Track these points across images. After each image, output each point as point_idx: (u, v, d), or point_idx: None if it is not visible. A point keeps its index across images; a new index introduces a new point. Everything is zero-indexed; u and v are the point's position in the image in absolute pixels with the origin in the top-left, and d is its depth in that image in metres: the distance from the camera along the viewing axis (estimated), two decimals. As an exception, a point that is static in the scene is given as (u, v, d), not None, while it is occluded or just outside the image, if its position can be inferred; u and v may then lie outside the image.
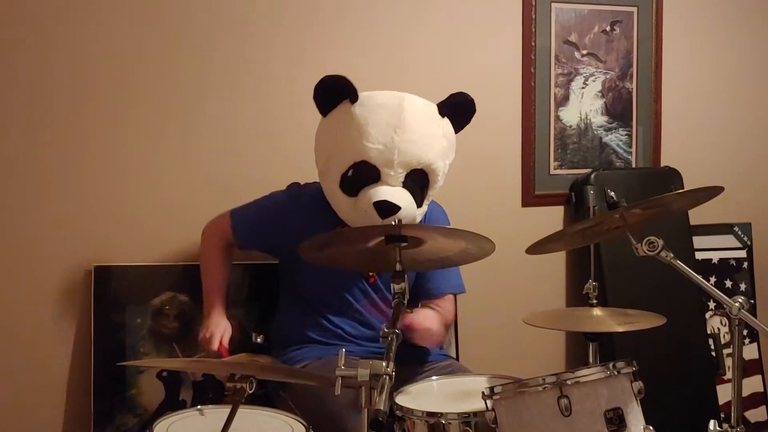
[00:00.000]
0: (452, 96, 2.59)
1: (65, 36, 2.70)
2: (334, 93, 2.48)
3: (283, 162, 2.91)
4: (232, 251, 2.71)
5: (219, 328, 2.50)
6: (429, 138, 2.49)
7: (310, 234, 2.18)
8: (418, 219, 2.56)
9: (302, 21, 2.96)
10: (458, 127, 2.61)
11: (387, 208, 2.40)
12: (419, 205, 2.52)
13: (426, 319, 2.47)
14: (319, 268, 2.38)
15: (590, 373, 1.98)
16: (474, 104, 2.62)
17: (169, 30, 2.81)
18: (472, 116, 2.64)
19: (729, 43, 3.68)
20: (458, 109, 2.59)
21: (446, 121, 2.57)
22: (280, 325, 2.67)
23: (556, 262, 3.40)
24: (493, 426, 1.95)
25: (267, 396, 2.59)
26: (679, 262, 2.13)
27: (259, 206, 2.66)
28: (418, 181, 2.49)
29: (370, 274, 2.61)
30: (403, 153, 2.43)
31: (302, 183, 2.70)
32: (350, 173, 2.45)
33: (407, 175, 2.46)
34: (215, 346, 2.46)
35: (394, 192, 2.43)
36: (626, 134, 3.51)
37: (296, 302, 2.65)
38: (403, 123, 2.44)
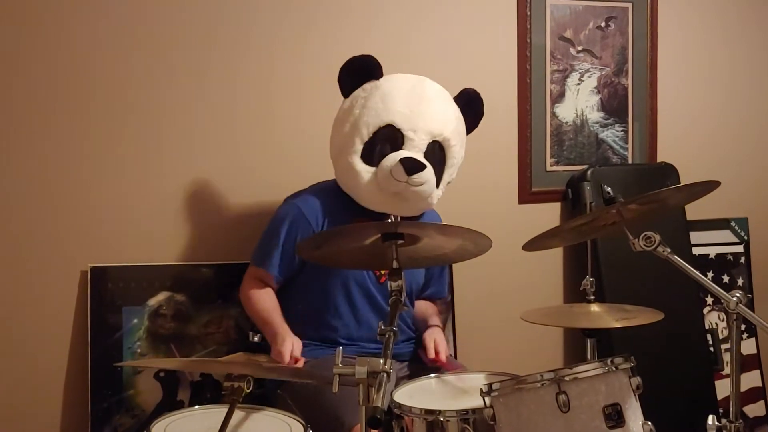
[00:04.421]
0: (464, 91, 2.69)
1: (62, 35, 2.69)
2: (361, 73, 2.56)
3: (282, 161, 2.90)
4: (272, 290, 2.63)
5: (286, 345, 2.40)
6: (447, 113, 2.59)
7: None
8: (434, 201, 2.61)
9: (303, 17, 2.96)
10: (468, 126, 2.68)
11: (414, 165, 2.45)
12: (437, 185, 2.56)
13: (445, 347, 2.56)
14: (327, 269, 2.37)
15: (588, 369, 1.98)
16: (482, 103, 2.70)
17: (167, 28, 2.80)
18: (480, 116, 2.72)
19: (724, 38, 3.68)
20: (468, 104, 2.67)
21: (457, 108, 2.64)
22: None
23: (553, 258, 3.40)
24: (492, 423, 1.95)
25: (265, 395, 2.59)
26: (676, 257, 2.12)
27: (273, 233, 2.59)
28: (436, 156, 2.55)
29: (381, 272, 2.60)
30: (427, 120, 2.51)
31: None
32: (373, 140, 2.49)
33: (428, 147, 2.51)
34: (286, 360, 2.36)
35: (417, 155, 2.48)
36: (622, 130, 3.51)
37: (298, 302, 2.63)
38: (425, 96, 2.55)
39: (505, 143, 3.32)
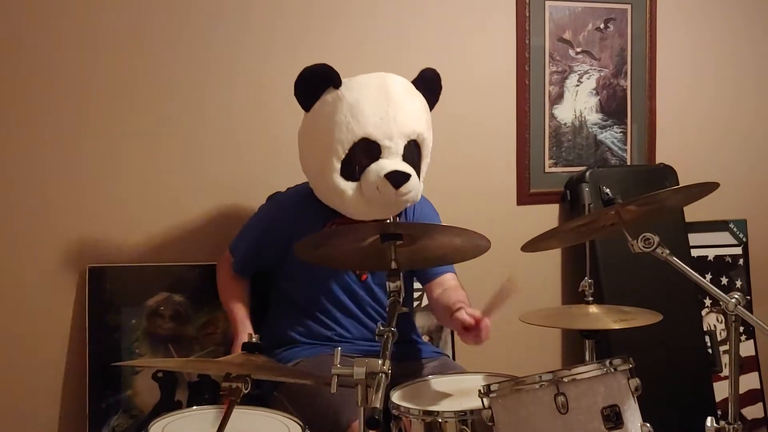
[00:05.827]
0: (423, 72, 2.64)
1: (61, 36, 2.69)
2: (317, 83, 2.50)
3: (280, 160, 2.89)
4: (244, 279, 2.69)
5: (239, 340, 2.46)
6: (416, 110, 2.55)
7: (299, 237, 2.17)
8: (419, 197, 2.59)
9: (298, 21, 2.96)
10: (430, 105, 2.65)
11: (400, 177, 2.44)
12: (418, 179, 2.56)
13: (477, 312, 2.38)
14: (310, 268, 2.37)
15: (587, 371, 1.98)
16: (440, 79, 2.66)
17: (165, 30, 2.80)
18: (439, 92, 2.67)
19: (723, 39, 3.68)
20: (429, 85, 2.64)
21: (422, 96, 2.61)
22: (272, 325, 2.67)
23: (552, 259, 3.40)
24: (490, 424, 1.94)
25: (262, 397, 2.58)
26: (675, 258, 2.12)
27: (247, 229, 2.68)
28: (414, 154, 2.53)
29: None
30: (400, 123, 2.47)
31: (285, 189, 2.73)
32: (350, 156, 2.46)
33: (404, 148, 2.49)
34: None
35: (398, 163, 2.46)
36: (621, 131, 3.51)
37: (287, 302, 2.64)
38: (392, 96, 2.49)
39: (504, 144, 3.31)
